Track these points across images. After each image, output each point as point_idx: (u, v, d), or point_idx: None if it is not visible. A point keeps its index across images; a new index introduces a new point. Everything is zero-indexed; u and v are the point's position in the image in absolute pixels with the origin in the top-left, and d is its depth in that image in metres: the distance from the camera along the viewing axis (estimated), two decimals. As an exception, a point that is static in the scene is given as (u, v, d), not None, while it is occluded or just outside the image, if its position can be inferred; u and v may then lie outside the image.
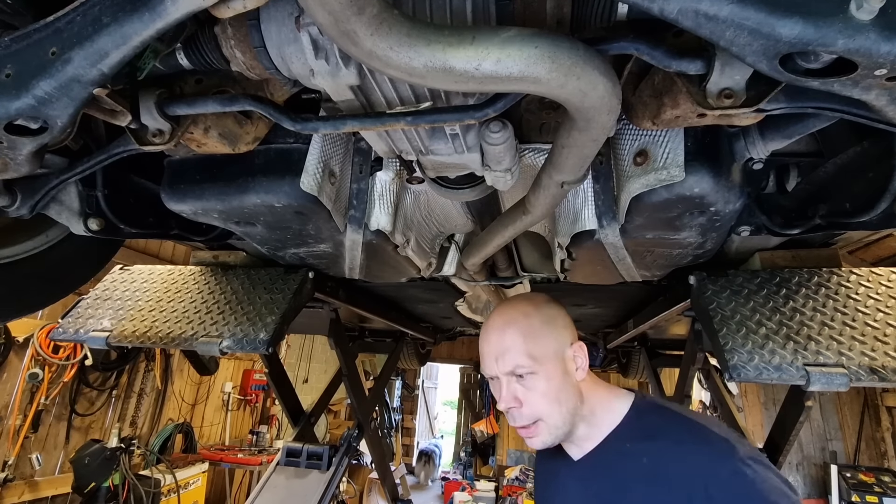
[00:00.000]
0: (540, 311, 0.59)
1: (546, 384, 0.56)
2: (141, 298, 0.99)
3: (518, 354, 0.56)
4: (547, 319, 0.59)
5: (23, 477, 2.27)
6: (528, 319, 0.58)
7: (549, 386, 0.56)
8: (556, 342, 0.58)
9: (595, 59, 0.38)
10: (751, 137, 0.59)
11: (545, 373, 0.56)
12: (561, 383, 0.57)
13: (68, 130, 0.46)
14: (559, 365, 0.57)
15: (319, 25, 0.35)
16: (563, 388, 0.57)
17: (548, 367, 0.56)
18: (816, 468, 2.99)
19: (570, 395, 0.57)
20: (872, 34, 0.30)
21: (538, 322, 0.58)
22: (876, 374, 0.63)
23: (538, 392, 0.56)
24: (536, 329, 0.58)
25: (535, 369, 0.56)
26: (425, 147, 0.61)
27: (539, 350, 0.57)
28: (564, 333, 0.59)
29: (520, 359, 0.56)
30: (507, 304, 0.62)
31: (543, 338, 0.57)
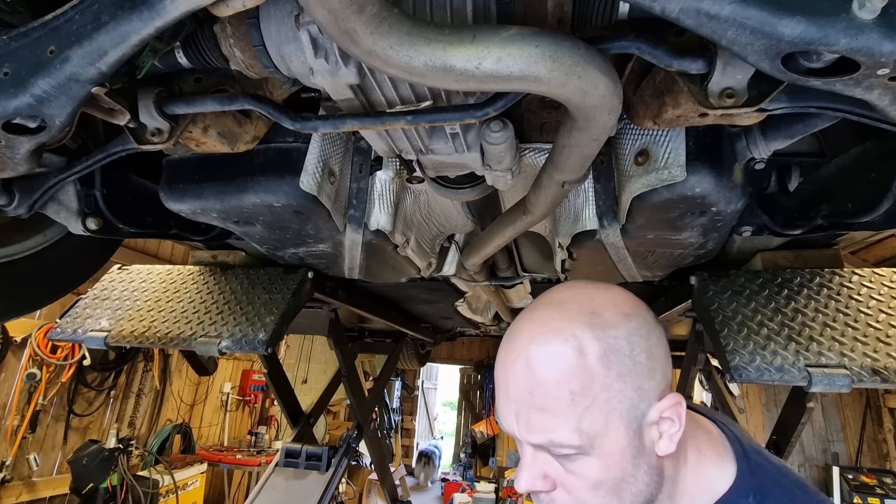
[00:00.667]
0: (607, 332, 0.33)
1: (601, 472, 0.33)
2: (139, 298, 0.98)
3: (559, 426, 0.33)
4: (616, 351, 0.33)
5: (21, 477, 2.27)
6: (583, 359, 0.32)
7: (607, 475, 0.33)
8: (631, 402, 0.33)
9: (596, 59, 0.38)
10: (752, 137, 0.59)
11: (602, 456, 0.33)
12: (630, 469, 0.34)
13: (67, 129, 0.45)
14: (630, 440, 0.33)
15: (319, 24, 0.35)
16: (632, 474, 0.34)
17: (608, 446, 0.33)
18: (818, 470, 2.98)
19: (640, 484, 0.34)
20: (875, 34, 0.30)
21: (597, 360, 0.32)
22: (878, 376, 0.63)
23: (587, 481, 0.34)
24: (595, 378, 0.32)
25: (585, 451, 0.33)
26: (425, 146, 0.61)
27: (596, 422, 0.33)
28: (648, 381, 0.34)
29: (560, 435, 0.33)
30: (547, 317, 0.35)
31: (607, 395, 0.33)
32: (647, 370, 0.34)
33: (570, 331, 0.33)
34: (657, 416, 0.34)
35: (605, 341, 0.33)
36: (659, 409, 0.34)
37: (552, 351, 0.33)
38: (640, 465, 0.34)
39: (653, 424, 0.34)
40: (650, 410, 0.34)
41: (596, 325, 0.33)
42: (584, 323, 0.33)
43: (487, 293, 1.36)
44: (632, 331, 0.34)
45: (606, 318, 0.34)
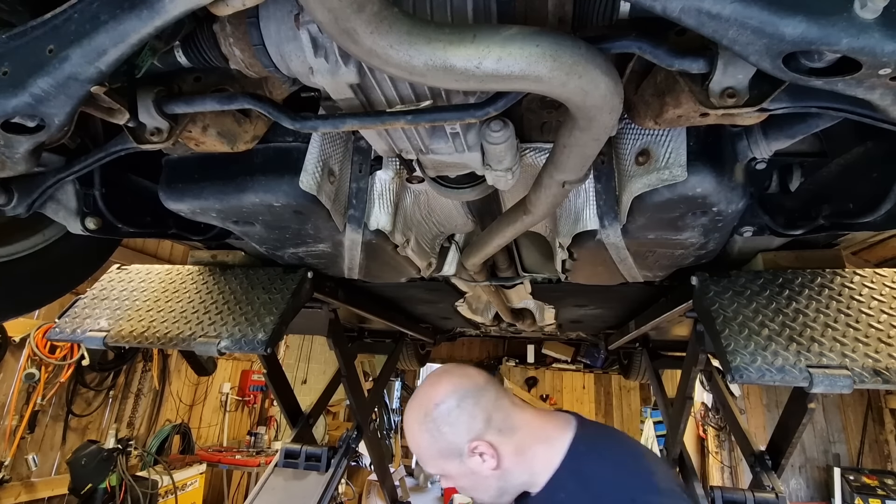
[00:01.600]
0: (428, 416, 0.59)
1: (459, 483, 0.61)
2: (139, 298, 0.98)
3: (426, 464, 0.62)
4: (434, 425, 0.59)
5: (19, 478, 2.26)
6: (418, 432, 0.60)
7: (463, 484, 0.61)
8: (447, 448, 0.59)
9: (597, 58, 0.38)
10: (754, 137, 0.59)
11: (453, 477, 0.60)
12: (474, 479, 0.60)
13: (66, 129, 0.45)
14: (461, 468, 0.59)
15: (319, 23, 0.35)
16: (478, 482, 0.60)
17: (452, 472, 0.60)
18: (819, 471, 2.97)
19: (486, 485, 0.60)
20: (876, 33, 0.30)
21: (425, 432, 0.59)
22: (880, 376, 0.63)
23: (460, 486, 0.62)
24: (425, 441, 0.59)
25: (444, 473, 0.61)
26: (425, 146, 0.60)
27: (435, 461, 0.60)
28: (456, 437, 0.58)
29: (429, 468, 0.62)
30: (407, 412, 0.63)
31: (432, 448, 0.59)
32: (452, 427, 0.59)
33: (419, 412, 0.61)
34: (469, 451, 0.59)
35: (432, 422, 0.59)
36: (469, 447, 0.58)
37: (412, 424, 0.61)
38: (479, 476, 0.59)
39: (468, 456, 0.59)
40: (463, 448, 0.59)
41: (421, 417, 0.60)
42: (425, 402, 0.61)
43: (487, 293, 1.36)
44: (443, 410, 0.59)
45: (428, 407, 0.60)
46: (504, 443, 0.59)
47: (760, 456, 1.09)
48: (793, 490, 2.93)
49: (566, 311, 1.63)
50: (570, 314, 1.69)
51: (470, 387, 0.60)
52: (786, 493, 1.10)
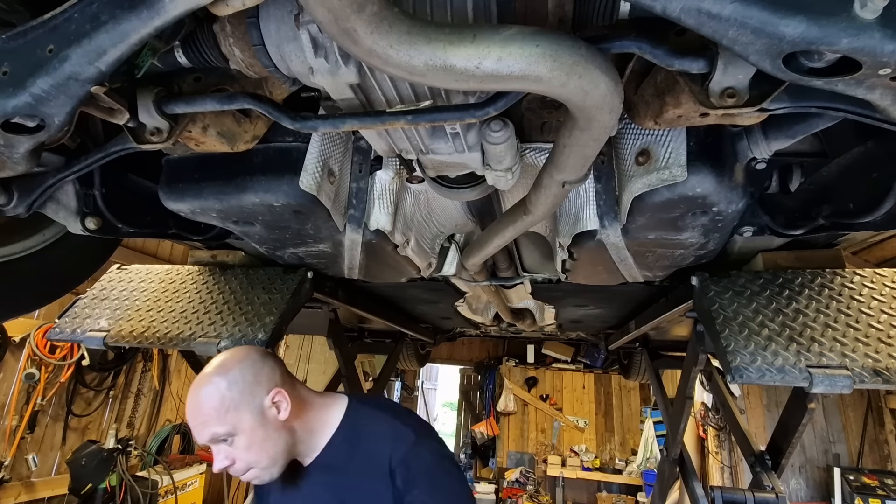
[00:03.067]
0: (228, 375, 0.64)
1: (248, 441, 0.63)
2: (139, 298, 0.98)
3: (213, 425, 0.62)
4: (234, 382, 0.63)
5: (19, 478, 2.26)
6: (217, 389, 0.63)
7: (252, 440, 0.63)
8: (249, 401, 0.63)
9: (597, 58, 0.38)
10: (754, 137, 0.59)
11: (243, 432, 0.63)
12: (263, 434, 0.63)
13: (66, 129, 0.45)
14: (257, 419, 0.63)
15: (319, 23, 0.35)
16: (267, 436, 0.64)
17: (245, 427, 0.63)
18: (819, 471, 2.97)
19: (275, 439, 0.64)
20: (877, 33, 0.30)
21: (225, 388, 0.63)
22: (879, 376, 0.63)
23: (242, 449, 0.63)
24: (226, 397, 0.63)
25: (233, 432, 0.62)
26: (425, 146, 0.60)
27: (232, 416, 0.62)
28: (258, 389, 0.64)
29: (216, 429, 0.62)
30: (202, 375, 0.65)
31: (235, 402, 0.63)
32: (254, 383, 0.64)
33: (210, 379, 0.64)
34: (269, 402, 0.65)
35: (228, 375, 0.64)
36: (270, 398, 0.65)
37: (203, 388, 0.63)
38: (270, 428, 0.64)
39: (269, 408, 0.64)
40: (263, 401, 0.64)
41: (222, 371, 0.64)
42: (216, 371, 0.64)
43: (487, 293, 1.36)
44: (242, 367, 0.65)
45: (227, 366, 0.65)
46: (294, 396, 0.67)
47: (760, 456, 1.09)
48: (793, 490, 2.93)
49: (566, 311, 1.63)
50: (570, 314, 1.69)
51: (263, 352, 0.69)
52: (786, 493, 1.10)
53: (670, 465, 1.41)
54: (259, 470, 0.64)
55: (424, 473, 0.64)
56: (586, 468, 4.27)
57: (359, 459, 0.67)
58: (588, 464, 4.31)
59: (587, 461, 4.33)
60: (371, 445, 0.67)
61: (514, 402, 4.74)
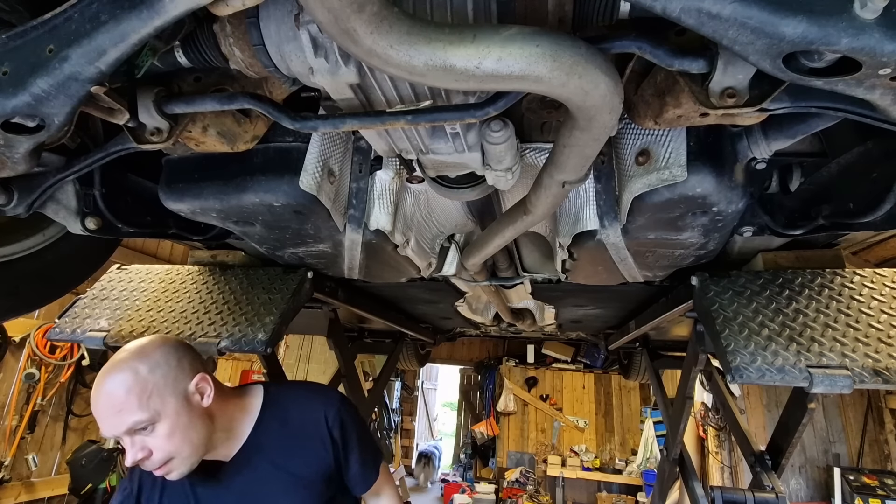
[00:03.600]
0: (149, 359, 0.60)
1: (170, 428, 0.58)
2: (138, 298, 0.98)
3: (134, 412, 0.56)
4: (156, 366, 0.59)
5: (19, 478, 2.26)
6: (136, 374, 0.58)
7: (175, 427, 0.59)
8: (173, 385, 0.60)
9: (597, 58, 0.38)
10: (754, 137, 0.59)
11: (167, 418, 0.58)
12: (187, 420, 0.60)
13: (66, 128, 0.45)
14: (182, 404, 0.60)
15: (319, 23, 0.35)
16: (191, 422, 0.60)
17: (168, 412, 0.58)
18: (819, 471, 2.97)
19: (199, 426, 0.61)
20: (877, 33, 0.30)
21: (147, 372, 0.58)
22: (880, 376, 0.62)
23: (163, 437, 0.58)
24: (148, 381, 0.58)
25: (155, 419, 0.58)
26: (425, 146, 0.60)
27: (154, 401, 0.58)
28: (181, 374, 0.62)
29: (137, 416, 0.57)
30: (113, 362, 0.60)
31: (158, 386, 0.58)
32: (177, 368, 0.62)
33: (127, 363, 0.59)
34: (194, 388, 0.63)
35: (148, 359, 0.60)
36: (194, 383, 0.63)
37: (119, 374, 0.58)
38: (194, 414, 0.61)
39: (193, 393, 0.62)
40: (188, 386, 0.62)
41: (141, 356, 0.60)
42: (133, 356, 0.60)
43: (487, 293, 1.36)
44: (163, 352, 0.62)
45: (146, 351, 0.61)
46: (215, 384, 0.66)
47: (760, 456, 1.09)
48: (793, 490, 2.93)
49: (566, 311, 1.63)
50: (570, 314, 1.69)
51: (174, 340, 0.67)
52: (786, 493, 1.10)
53: (670, 465, 1.41)
54: (179, 460, 0.59)
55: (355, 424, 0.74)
56: (586, 468, 4.28)
57: (293, 429, 0.69)
58: (588, 464, 4.31)
59: (587, 461, 4.33)
60: (302, 415, 0.71)
61: (514, 402, 4.74)
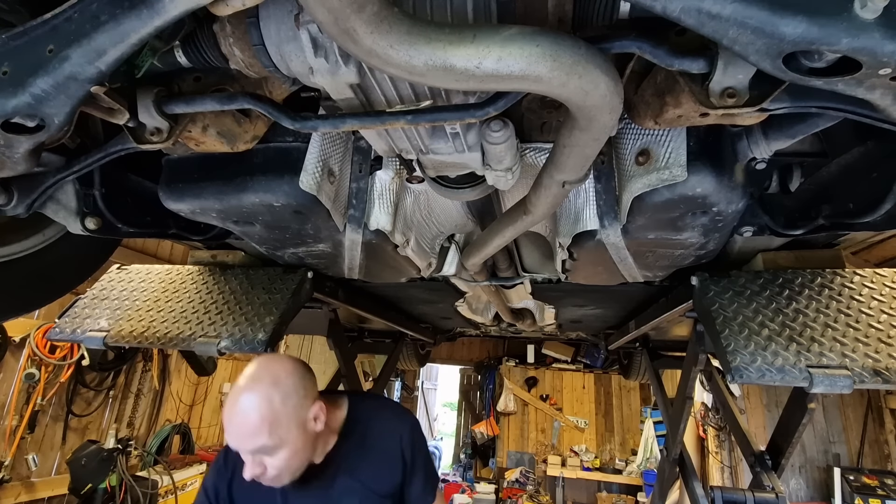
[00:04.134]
0: (282, 389, 0.67)
1: (290, 453, 0.67)
2: (138, 298, 0.98)
3: (263, 438, 0.64)
4: (288, 395, 0.67)
5: (19, 478, 2.26)
6: (270, 404, 0.65)
7: (294, 452, 0.67)
8: (298, 415, 0.68)
9: (597, 58, 0.38)
10: (754, 137, 0.59)
11: (289, 445, 0.66)
12: (303, 444, 0.68)
13: (65, 128, 0.45)
14: (301, 431, 0.68)
15: (319, 23, 0.35)
16: (305, 446, 0.69)
17: (291, 439, 0.66)
18: (819, 471, 2.97)
19: (309, 448, 0.70)
20: (877, 33, 0.30)
21: (279, 404, 0.66)
22: (880, 376, 0.62)
23: (282, 460, 0.66)
24: (280, 413, 0.65)
25: (279, 446, 0.65)
26: (425, 146, 0.60)
27: (282, 430, 0.65)
28: (305, 403, 0.70)
29: (264, 441, 0.64)
30: (251, 381, 0.67)
31: (287, 417, 0.66)
32: (303, 397, 0.70)
33: (262, 391, 0.66)
34: (312, 416, 0.71)
35: (280, 388, 0.67)
36: (313, 412, 0.71)
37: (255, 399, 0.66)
38: (309, 438, 0.71)
39: (311, 420, 0.71)
40: (308, 415, 0.70)
41: (277, 385, 0.67)
42: (268, 383, 0.67)
43: (487, 293, 1.36)
44: (294, 382, 0.69)
45: (281, 379, 0.68)
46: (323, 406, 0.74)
47: (760, 456, 1.09)
48: (793, 490, 2.93)
49: (566, 311, 1.63)
50: (570, 314, 1.69)
51: (303, 363, 0.75)
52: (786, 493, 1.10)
53: (670, 465, 1.41)
54: (288, 475, 0.68)
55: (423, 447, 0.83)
56: (586, 468, 4.28)
57: (372, 444, 0.78)
58: (588, 464, 4.31)
59: (587, 461, 4.33)
60: (381, 432, 0.80)
61: (514, 402, 4.74)
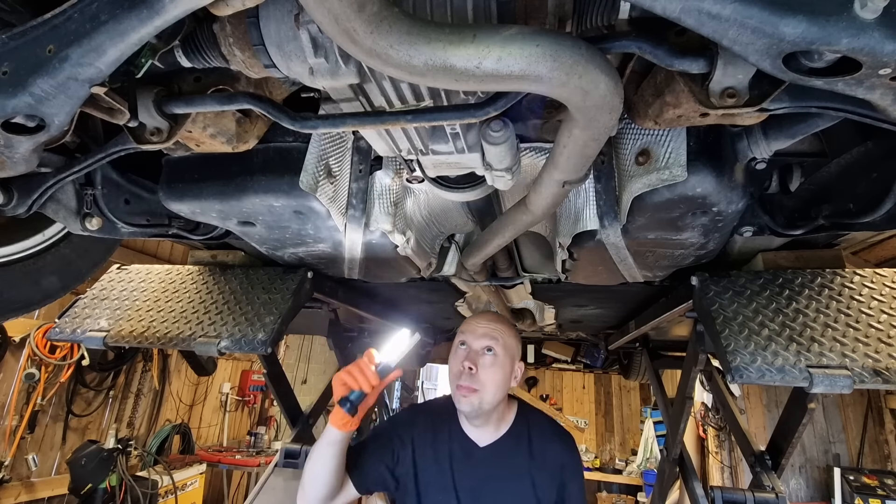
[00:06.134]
0: (513, 328, 0.88)
1: (498, 372, 0.80)
2: (139, 298, 0.98)
3: (500, 338, 0.81)
4: (516, 336, 0.86)
5: (19, 478, 2.26)
6: (511, 328, 0.86)
7: (500, 371, 0.81)
8: (516, 353, 0.85)
9: (597, 58, 0.38)
10: (754, 137, 0.59)
11: (502, 363, 0.81)
12: (504, 377, 0.81)
13: (66, 129, 0.45)
14: (510, 366, 0.83)
15: (319, 23, 0.34)
16: (504, 382, 0.82)
17: (505, 362, 0.82)
18: (819, 471, 2.97)
19: (501, 391, 0.82)
20: (876, 33, 0.30)
21: (515, 333, 0.86)
22: (880, 376, 0.62)
23: (490, 370, 0.80)
24: (512, 335, 0.85)
25: (500, 355, 0.81)
26: (425, 146, 0.60)
27: (509, 349, 0.83)
28: (518, 353, 0.86)
29: (499, 342, 0.81)
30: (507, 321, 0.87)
31: (512, 344, 0.84)
32: (518, 347, 0.87)
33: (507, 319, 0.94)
34: (517, 366, 0.86)
35: (515, 330, 0.88)
36: (519, 365, 0.86)
37: (504, 319, 0.87)
38: (507, 380, 0.83)
39: (516, 368, 0.85)
40: (517, 361, 0.86)
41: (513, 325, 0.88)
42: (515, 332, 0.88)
43: (488, 293, 1.36)
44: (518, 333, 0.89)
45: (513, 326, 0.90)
46: None
47: (760, 456, 1.10)
48: (793, 490, 2.93)
49: (566, 311, 1.63)
50: (570, 314, 1.70)
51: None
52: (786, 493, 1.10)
53: (670, 465, 1.41)
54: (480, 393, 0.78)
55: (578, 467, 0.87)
56: (586, 468, 4.27)
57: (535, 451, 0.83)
58: (588, 464, 4.31)
59: (587, 461, 4.33)
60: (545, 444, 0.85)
61: (514, 402, 4.72)
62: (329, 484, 0.75)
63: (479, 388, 0.78)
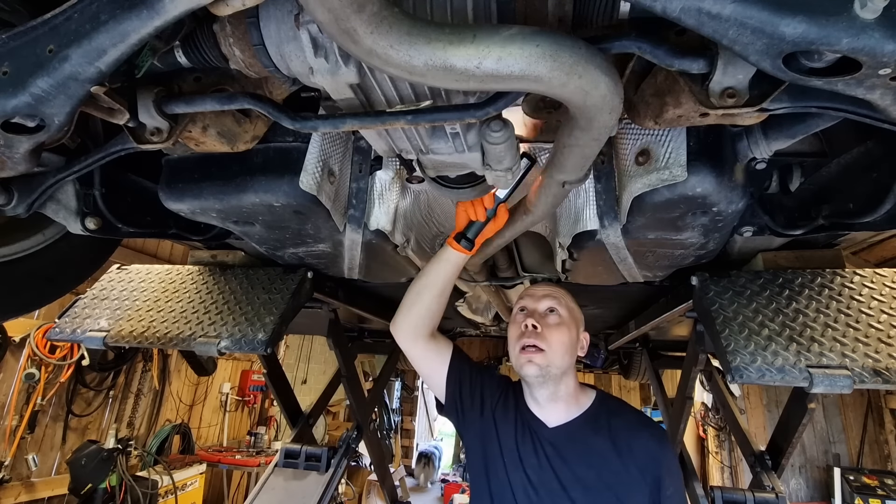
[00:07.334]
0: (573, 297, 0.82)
1: (564, 332, 0.73)
2: (138, 298, 0.98)
3: (561, 300, 0.77)
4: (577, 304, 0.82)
5: (19, 478, 2.26)
6: (571, 295, 0.81)
7: (565, 334, 0.73)
8: (579, 319, 0.79)
9: (597, 58, 0.38)
10: (754, 137, 0.59)
11: (567, 326, 0.74)
12: (571, 341, 0.74)
13: (66, 129, 0.45)
14: (575, 332, 0.76)
15: (319, 23, 0.34)
16: (571, 346, 0.74)
17: (570, 326, 0.75)
18: (819, 471, 2.97)
19: (569, 356, 0.73)
20: (876, 33, 0.30)
21: (574, 301, 0.81)
22: (880, 376, 0.63)
23: (555, 331, 0.73)
24: (574, 301, 0.80)
25: (564, 317, 0.75)
26: (425, 146, 0.60)
27: (573, 312, 0.77)
28: (582, 321, 0.80)
29: (561, 303, 0.76)
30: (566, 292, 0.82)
31: (575, 309, 0.79)
32: (581, 320, 0.80)
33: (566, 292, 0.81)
34: (582, 335, 0.79)
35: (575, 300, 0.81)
36: (584, 334, 0.80)
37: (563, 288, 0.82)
38: (572, 347, 0.75)
39: (580, 336, 0.78)
40: (581, 329, 0.79)
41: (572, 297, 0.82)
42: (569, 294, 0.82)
43: (488, 293, 1.36)
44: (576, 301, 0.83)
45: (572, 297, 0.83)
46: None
47: (760, 456, 1.10)
48: (793, 490, 2.93)
49: (566, 311, 1.62)
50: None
51: None
52: (786, 493, 1.10)
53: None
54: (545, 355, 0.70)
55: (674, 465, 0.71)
56: (586, 468, 4.23)
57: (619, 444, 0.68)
58: (588, 464, 4.27)
59: (587, 461, 4.29)
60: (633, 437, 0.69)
61: (514, 402, 4.70)
62: (428, 305, 0.74)
63: (545, 348, 0.69)
